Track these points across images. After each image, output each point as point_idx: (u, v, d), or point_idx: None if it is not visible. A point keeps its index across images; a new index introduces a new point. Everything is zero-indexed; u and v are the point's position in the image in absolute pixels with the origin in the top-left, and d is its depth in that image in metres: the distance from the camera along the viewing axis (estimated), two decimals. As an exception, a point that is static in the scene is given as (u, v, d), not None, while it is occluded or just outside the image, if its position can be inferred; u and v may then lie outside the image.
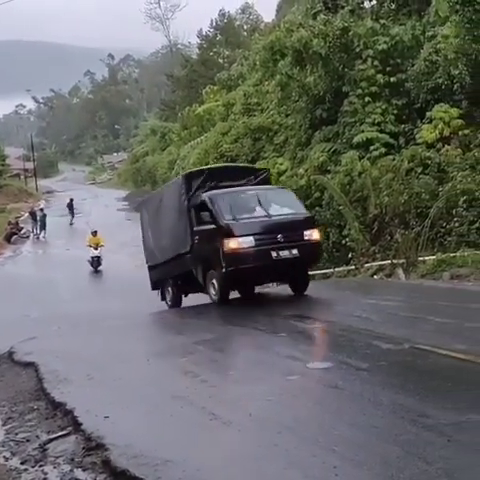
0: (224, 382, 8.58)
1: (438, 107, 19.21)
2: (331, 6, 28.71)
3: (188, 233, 14.87)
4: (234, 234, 13.62)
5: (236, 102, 39.20)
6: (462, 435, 5.84)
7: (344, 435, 6.10)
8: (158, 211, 17.01)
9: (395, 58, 23.81)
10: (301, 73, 26.43)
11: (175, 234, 15.66)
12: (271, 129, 31.25)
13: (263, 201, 14.32)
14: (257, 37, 46.03)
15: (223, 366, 9.61)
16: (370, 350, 9.33)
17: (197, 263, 14.70)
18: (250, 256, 13.54)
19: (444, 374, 8.01)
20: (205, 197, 14.52)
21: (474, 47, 18.41)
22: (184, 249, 15.05)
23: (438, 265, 15.92)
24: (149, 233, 17.78)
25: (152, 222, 17.54)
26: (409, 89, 22.31)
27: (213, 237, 13.92)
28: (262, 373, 8.64)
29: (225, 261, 13.49)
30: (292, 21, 31.07)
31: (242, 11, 72.37)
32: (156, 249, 17.22)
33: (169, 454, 5.86)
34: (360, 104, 23.44)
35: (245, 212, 14.16)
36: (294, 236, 13.89)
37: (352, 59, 24.54)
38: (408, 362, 8.65)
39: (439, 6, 22.09)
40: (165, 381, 8.71)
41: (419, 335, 9.71)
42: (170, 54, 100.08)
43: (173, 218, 15.78)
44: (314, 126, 25.91)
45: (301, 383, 8.02)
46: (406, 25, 24.24)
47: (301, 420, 6.65)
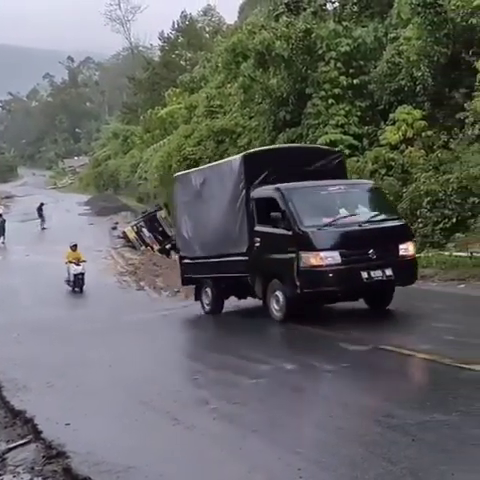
0: (189, 386, 8.53)
1: (401, 109, 19.48)
2: (293, 8, 28.84)
3: (245, 231, 12.43)
4: (315, 247, 10.99)
5: (199, 104, 39.14)
6: (427, 434, 5.88)
7: (309, 437, 6.12)
8: (200, 194, 14.24)
9: (358, 60, 24.07)
10: (264, 75, 26.51)
11: (225, 229, 13.18)
12: (234, 131, 31.25)
13: (349, 201, 11.86)
14: (219, 39, 45.98)
15: (188, 370, 9.56)
16: (336, 351, 9.38)
17: (255, 270, 12.24)
18: (335, 277, 10.95)
19: (409, 375, 8.10)
20: (275, 191, 11.77)
21: (436, 49, 18.72)
22: (238, 249, 12.68)
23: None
24: (185, 218, 15.00)
25: (191, 206, 14.69)
26: (372, 91, 22.58)
27: (284, 245, 11.34)
28: (228, 376, 8.62)
29: (301, 280, 10.99)
30: (254, 23, 31.11)
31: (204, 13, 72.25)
32: (195, 240, 14.58)
33: (132, 460, 5.80)
34: (323, 106, 23.62)
35: (327, 216, 11.42)
36: (388, 251, 11.27)
37: (315, 61, 24.71)
38: (373, 363, 8.71)
39: (401, 8, 22.39)
40: (128, 387, 8.62)
41: (384, 336, 9.80)
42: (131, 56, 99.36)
43: (223, 208, 13.21)
44: (278, 128, 26.00)
45: (267, 385, 8.02)
46: (368, 27, 24.52)
47: (266, 423, 6.64)
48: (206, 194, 13.99)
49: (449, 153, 17.74)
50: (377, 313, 11.74)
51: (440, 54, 18.69)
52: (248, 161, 12.70)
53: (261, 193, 12.14)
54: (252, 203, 12.23)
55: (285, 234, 11.30)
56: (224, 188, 13.16)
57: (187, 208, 14.88)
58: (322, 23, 25.87)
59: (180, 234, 15.33)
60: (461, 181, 16.39)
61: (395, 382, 7.82)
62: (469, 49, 17.86)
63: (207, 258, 13.92)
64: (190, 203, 14.67)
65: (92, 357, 10.82)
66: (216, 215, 13.51)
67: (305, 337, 10.78)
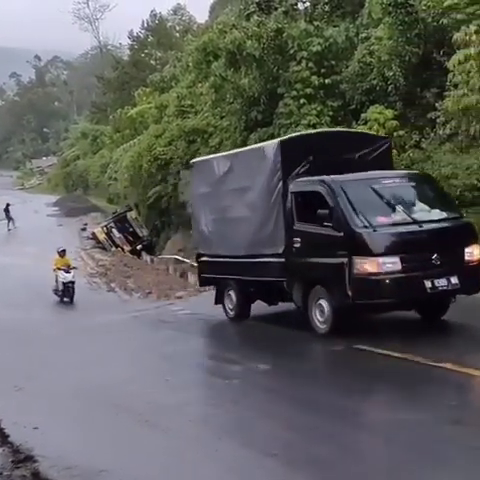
0: (162, 388, 8.44)
1: (373, 108, 19.54)
2: (264, 7, 28.81)
3: (281, 229, 11.04)
4: (372, 251, 9.56)
5: (169, 104, 38.97)
6: (398, 433, 5.90)
7: (282, 438, 6.09)
8: (224, 184, 12.72)
9: (329, 60, 24.11)
10: (235, 75, 26.46)
11: (256, 226, 11.76)
12: (206, 131, 31.18)
13: (405, 197, 10.46)
14: (190, 38, 45.84)
15: (161, 372, 9.47)
16: (309, 352, 9.40)
17: (294, 274, 10.90)
18: (394, 287, 9.58)
19: (380, 373, 8.12)
20: (320, 184, 10.28)
21: (407, 49, 18.85)
22: (272, 250, 11.31)
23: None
24: (205, 211, 13.47)
25: (212, 197, 13.13)
26: (344, 91, 22.65)
27: (332, 248, 9.95)
28: (200, 377, 8.57)
29: (353, 289, 9.61)
30: (225, 22, 31.00)
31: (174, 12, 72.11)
32: (216, 236, 13.07)
33: (104, 464, 5.73)
34: (295, 106, 23.61)
35: (382, 214, 10.06)
36: (453, 256, 9.86)
37: (286, 61, 24.72)
38: (345, 363, 8.73)
39: (372, 8, 22.51)
40: (99, 389, 8.50)
41: (358, 335, 9.83)
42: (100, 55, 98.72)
43: (254, 202, 11.80)
44: (249, 128, 25.97)
45: (239, 386, 8.00)
46: (340, 27, 24.59)
47: (241, 424, 6.61)
48: (231, 184, 12.40)
49: (421, 153, 17.86)
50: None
51: (411, 54, 18.81)
52: (286, 148, 11.10)
53: (302, 186, 10.70)
54: (290, 197, 10.78)
55: (334, 235, 9.81)
56: (255, 178, 11.60)
57: (207, 199, 13.24)
58: (293, 23, 25.89)
59: (198, 229, 13.73)
60: (433, 181, 16.47)
61: (367, 382, 7.84)
62: (440, 49, 18.00)
63: (232, 257, 12.37)
64: (211, 194, 13.06)
65: (62, 359, 10.68)
66: (244, 209, 12.03)
67: (280, 337, 10.78)
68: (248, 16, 28.69)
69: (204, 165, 13.96)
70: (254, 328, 11.74)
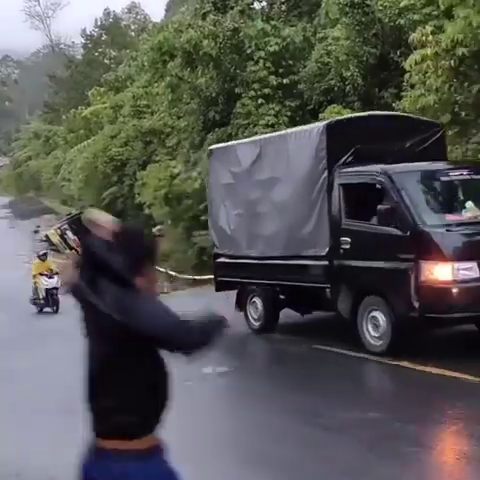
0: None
1: (331, 108, 19.68)
2: (220, 6, 28.76)
3: (324, 228, 9.67)
4: (444, 254, 8.33)
5: (125, 104, 38.64)
6: (362, 433, 5.91)
7: (244, 439, 6.04)
8: (251, 174, 11.21)
9: (287, 60, 24.24)
10: (192, 74, 26.41)
11: (292, 222, 10.33)
12: (163, 132, 31.02)
13: (475, 191, 9.24)
14: (145, 37, 45.56)
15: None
16: (270, 353, 9.39)
17: (341, 280, 9.53)
18: (471, 297, 8.33)
19: (342, 373, 8.17)
20: (379, 175, 8.94)
21: (365, 49, 19.03)
22: (312, 251, 9.92)
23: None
24: (226, 205, 11.90)
25: (235, 189, 11.64)
26: (302, 91, 22.79)
27: (393, 250, 8.63)
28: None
29: (421, 300, 8.32)
30: (181, 21, 30.91)
31: (129, 10, 71.68)
32: (240, 234, 11.49)
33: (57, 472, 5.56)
34: (253, 106, 23.68)
35: (452, 211, 8.98)
36: None
37: (244, 60, 24.76)
38: (307, 363, 8.75)
39: (329, 8, 22.66)
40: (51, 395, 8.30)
41: (318, 335, 9.89)
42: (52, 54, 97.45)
43: (290, 195, 10.36)
44: (207, 128, 25.93)
45: (198, 388, 7.93)
46: (297, 27, 24.75)
47: (199, 426, 6.55)
48: (261, 174, 10.98)
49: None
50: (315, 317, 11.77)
51: (369, 54, 19.01)
52: (332, 132, 9.71)
53: (354, 177, 9.41)
54: (338, 190, 9.43)
55: (396, 235, 8.52)
56: (291, 168, 10.25)
57: (229, 192, 11.73)
58: (250, 22, 25.93)
59: (216, 225, 12.18)
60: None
61: (327, 381, 7.86)
62: (397, 49, 18.22)
63: (259, 259, 10.92)
64: (234, 185, 11.58)
65: (11, 366, 10.39)
66: (277, 204, 10.59)
67: (240, 338, 10.72)
68: (204, 15, 28.60)
69: (225, 152, 12.33)
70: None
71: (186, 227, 24.04)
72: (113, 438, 2.78)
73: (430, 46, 15.14)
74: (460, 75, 14.72)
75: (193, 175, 24.70)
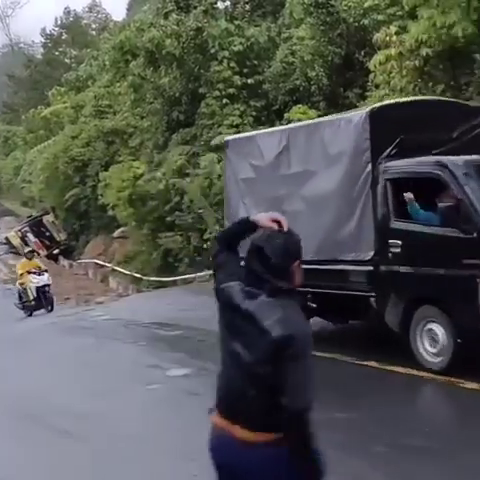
0: (81, 396, 8.15)
1: (296, 108, 19.73)
2: (183, 6, 28.70)
3: (368, 228, 8.52)
4: None
5: (86, 104, 38.32)
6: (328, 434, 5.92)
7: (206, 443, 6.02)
8: (276, 168, 10.04)
9: (251, 59, 24.26)
10: (155, 74, 26.33)
11: (328, 223, 9.18)
12: (125, 132, 30.80)
13: None
14: (106, 36, 45.19)
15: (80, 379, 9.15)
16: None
17: (390, 288, 8.40)
18: None
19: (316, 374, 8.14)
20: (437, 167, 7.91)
21: (330, 49, 19.14)
22: (353, 255, 8.77)
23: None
24: (246, 203, 10.53)
25: (258, 185, 10.39)
26: (267, 91, 22.85)
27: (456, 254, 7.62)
28: (121, 384, 8.36)
29: None
30: (143, 20, 30.79)
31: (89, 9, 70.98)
32: None
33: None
34: (218, 106, 23.65)
35: None
36: None
37: (208, 60, 24.73)
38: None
39: (293, 8, 22.74)
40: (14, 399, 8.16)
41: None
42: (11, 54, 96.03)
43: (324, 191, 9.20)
44: (171, 128, 25.84)
45: (162, 392, 7.88)
46: (261, 26, 24.79)
47: (161, 431, 6.50)
48: (289, 168, 9.78)
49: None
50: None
51: (334, 54, 19.12)
52: (376, 120, 8.55)
53: (405, 171, 8.34)
54: (385, 186, 8.36)
55: (459, 237, 7.51)
56: (328, 161, 9.12)
57: (250, 188, 10.50)
58: (214, 22, 25.92)
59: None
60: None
61: None
62: (362, 49, 18.37)
63: None
64: (256, 180, 10.40)
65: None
66: (309, 201, 9.38)
67: (199, 340, 10.70)
68: (166, 14, 28.52)
69: (244, 144, 10.99)
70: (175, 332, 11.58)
71: (151, 228, 23.89)
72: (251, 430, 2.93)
73: (394, 46, 15.31)
74: (425, 75, 14.89)
75: (157, 176, 24.57)
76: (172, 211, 22.15)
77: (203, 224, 20.58)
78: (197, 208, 20.90)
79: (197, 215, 20.90)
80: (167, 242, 22.00)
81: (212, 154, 22.37)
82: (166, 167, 24.19)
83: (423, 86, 14.74)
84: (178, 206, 22.20)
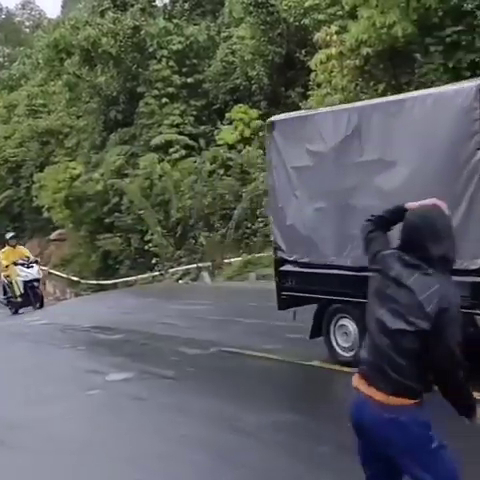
0: (20, 404, 7.91)
1: (237, 108, 19.84)
2: (120, 4, 28.54)
3: (478, 231, 7.24)
4: None
5: (19, 103, 37.58)
6: (271, 435, 5.95)
7: (148, 447, 5.94)
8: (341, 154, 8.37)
9: (191, 59, 24.30)
10: (91, 73, 26.11)
11: None
12: (61, 132, 30.36)
13: None
14: (40, 34, 44.47)
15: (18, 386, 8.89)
16: (176, 357, 9.28)
17: None
18: None
19: (252, 375, 8.16)
20: None
21: (270, 48, 19.31)
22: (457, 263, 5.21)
23: (244, 266, 16.42)
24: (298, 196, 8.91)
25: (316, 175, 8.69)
26: (207, 90, 22.90)
27: None
28: (60, 390, 8.18)
29: None
30: (78, 18, 30.45)
31: (22, 6, 69.71)
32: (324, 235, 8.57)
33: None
34: (157, 105, 23.58)
35: None
36: None
37: (146, 59, 24.66)
38: (215, 366, 8.69)
39: (233, 7, 22.90)
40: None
41: (227, 338, 9.86)
42: None
43: (413, 183, 7.72)
44: (109, 128, 25.61)
45: (102, 397, 7.74)
46: (200, 25, 24.86)
47: (101, 437, 6.38)
48: (361, 155, 8.25)
49: (287, 152, 18.31)
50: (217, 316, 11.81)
51: (275, 54, 19.31)
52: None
53: None
54: None
55: None
56: (419, 146, 7.74)
57: (304, 178, 8.91)
58: (152, 20, 25.86)
59: (281, 222, 9.23)
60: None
61: (237, 384, 7.84)
62: (302, 49, 18.59)
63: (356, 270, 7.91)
64: (313, 169, 8.78)
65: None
66: (390, 195, 7.66)
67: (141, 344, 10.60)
68: (102, 12, 28.30)
69: (299, 125, 9.17)
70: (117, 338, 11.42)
71: (89, 230, 23.57)
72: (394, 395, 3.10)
73: (335, 46, 15.53)
74: (365, 74, 15.14)
75: (95, 176, 24.28)
76: (111, 212, 21.93)
77: (144, 225, 20.46)
78: (137, 209, 20.75)
79: (137, 216, 20.74)
80: (106, 244, 21.75)
81: (152, 154, 22.28)
82: (104, 167, 23.94)
83: (364, 85, 14.99)
84: (117, 207, 21.99)
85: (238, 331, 10.49)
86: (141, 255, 20.51)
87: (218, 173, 19.46)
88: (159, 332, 11.05)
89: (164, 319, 12.00)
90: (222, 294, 14.97)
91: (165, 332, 10.91)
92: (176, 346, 9.80)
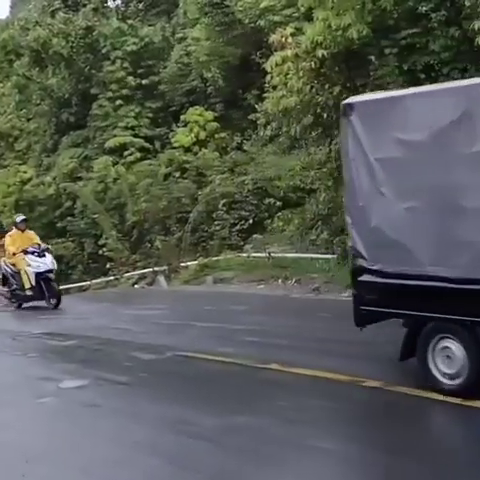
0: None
1: (193, 110, 19.87)
2: (71, 4, 28.41)
3: None
4: None
5: (-34, 106, 36.96)
6: (229, 439, 5.97)
7: (102, 454, 5.90)
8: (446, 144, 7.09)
9: (146, 60, 24.25)
10: (41, 74, 25.86)
11: None
12: (11, 135, 29.90)
13: None
14: (-12, 35, 43.85)
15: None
16: (130, 362, 9.22)
17: None
18: None
19: (208, 379, 8.14)
20: None
21: (226, 50, 19.37)
22: None
23: (201, 270, 16.42)
24: (385, 193, 7.68)
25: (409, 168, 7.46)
26: (163, 92, 22.86)
27: None
28: (10, 398, 8.05)
29: None
30: (27, 19, 30.13)
31: (-31, 6, 68.73)
32: (418, 240, 7.36)
33: None
34: (111, 107, 23.46)
35: None
36: None
37: (99, 60, 24.53)
38: (171, 371, 8.67)
39: (187, 8, 22.91)
40: None
41: (183, 342, 9.84)
42: None
43: None
44: (61, 131, 25.38)
45: (54, 405, 7.65)
46: (155, 26, 24.82)
47: (54, 444, 6.32)
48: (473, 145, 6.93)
49: (243, 154, 18.42)
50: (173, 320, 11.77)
51: (230, 55, 19.38)
52: None
53: None
54: None
55: None
56: None
57: (392, 171, 7.67)
58: (105, 20, 25.75)
59: (362, 223, 7.95)
60: (256, 182, 17.07)
61: (194, 388, 7.81)
62: (258, 51, 18.67)
63: (461, 282, 6.87)
64: (404, 162, 7.55)
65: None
66: None
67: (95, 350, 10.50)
68: (53, 13, 28.10)
69: (385, 108, 7.93)
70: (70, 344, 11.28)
71: (41, 235, 23.26)
72: None
73: (290, 48, 15.61)
74: (321, 76, 15.25)
75: (47, 180, 24.03)
76: (63, 216, 21.71)
77: (98, 229, 20.30)
78: (91, 213, 20.58)
79: (91, 220, 20.57)
80: (58, 249, 21.48)
81: (106, 157, 22.15)
82: (56, 171, 23.70)
83: (319, 87, 15.11)
84: (70, 211, 21.79)
85: (194, 335, 10.46)
86: (95, 260, 20.32)
87: (174, 176, 19.44)
88: (113, 337, 10.95)
89: (118, 324, 11.91)
90: (178, 298, 14.93)
91: (119, 337, 10.80)
92: (130, 351, 9.72)
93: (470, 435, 5.69)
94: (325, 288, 13.28)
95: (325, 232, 15.01)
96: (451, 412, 6.11)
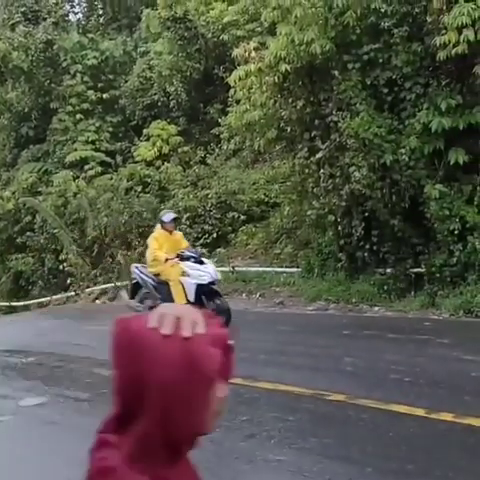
0: None
1: (155, 124, 19.79)
2: (32, 17, 28.15)
3: None
4: None
5: None
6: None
7: (58, 472, 5.77)
8: None
9: (107, 74, 24.18)
10: (1, 88, 25.59)
11: None
12: (-33, 149, 29.49)
13: None
14: None
15: None
16: (91, 379, 9.09)
17: None
18: None
19: None
20: None
21: (188, 64, 19.40)
22: None
23: (164, 284, 16.25)
24: None
25: None
26: (124, 106, 22.76)
27: None
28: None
29: None
30: (-13, 32, 29.85)
31: None
32: None
33: None
34: (71, 121, 23.31)
35: None
36: None
37: (59, 74, 24.40)
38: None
39: (150, 22, 22.90)
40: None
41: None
42: None
43: None
44: (20, 145, 25.13)
45: (14, 423, 7.47)
46: (116, 40, 24.76)
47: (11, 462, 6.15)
48: None
49: (207, 168, 18.38)
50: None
51: (193, 69, 19.40)
52: None
53: None
54: None
55: None
56: None
57: None
58: (65, 34, 25.60)
59: None
60: (220, 196, 17.04)
61: None
62: (221, 65, 18.74)
63: None
64: None
65: None
66: None
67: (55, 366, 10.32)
68: (13, 26, 27.84)
69: None
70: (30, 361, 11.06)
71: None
72: None
73: (254, 62, 15.69)
74: (284, 91, 15.35)
75: (5, 195, 23.67)
76: (23, 231, 21.35)
77: (58, 244, 20.03)
78: (51, 228, 20.30)
79: (51, 235, 20.29)
80: (17, 265, 21.16)
81: (66, 171, 21.95)
82: (16, 185, 23.38)
83: (283, 102, 15.18)
84: (30, 226, 21.47)
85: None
86: (55, 275, 20.04)
87: (135, 190, 19.31)
88: (74, 354, 10.80)
89: (79, 340, 11.74)
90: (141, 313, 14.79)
91: (80, 353, 10.66)
92: (91, 367, 9.58)
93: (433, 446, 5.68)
94: (289, 302, 13.26)
95: (289, 246, 15.05)
96: (415, 424, 6.09)
